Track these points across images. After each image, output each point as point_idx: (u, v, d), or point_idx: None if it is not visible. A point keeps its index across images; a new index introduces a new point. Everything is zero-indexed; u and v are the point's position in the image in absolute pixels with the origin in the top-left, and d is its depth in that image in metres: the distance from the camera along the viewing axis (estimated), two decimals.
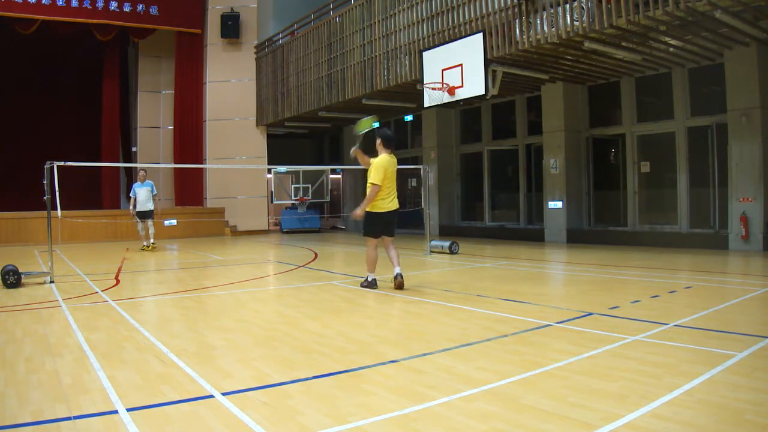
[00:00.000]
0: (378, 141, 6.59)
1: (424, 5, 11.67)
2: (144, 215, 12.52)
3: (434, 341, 4.10)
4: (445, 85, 10.68)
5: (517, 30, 9.66)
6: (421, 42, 11.72)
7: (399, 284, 6.46)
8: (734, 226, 9.97)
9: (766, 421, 2.56)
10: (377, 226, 6.57)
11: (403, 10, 12.24)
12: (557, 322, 4.61)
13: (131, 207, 12.55)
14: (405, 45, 12.22)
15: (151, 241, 12.68)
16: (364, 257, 6.81)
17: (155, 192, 12.78)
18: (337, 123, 18.78)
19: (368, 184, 6.49)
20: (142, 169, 13.27)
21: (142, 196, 12.45)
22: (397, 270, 6.53)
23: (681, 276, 7.41)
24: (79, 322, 4.97)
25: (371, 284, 6.67)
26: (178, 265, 10.38)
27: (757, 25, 8.55)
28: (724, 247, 10.09)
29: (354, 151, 6.64)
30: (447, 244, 10.67)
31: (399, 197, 6.64)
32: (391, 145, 6.64)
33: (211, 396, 3.02)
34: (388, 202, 6.49)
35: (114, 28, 17.27)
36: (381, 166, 6.37)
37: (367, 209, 6.49)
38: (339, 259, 10.92)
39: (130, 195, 12.65)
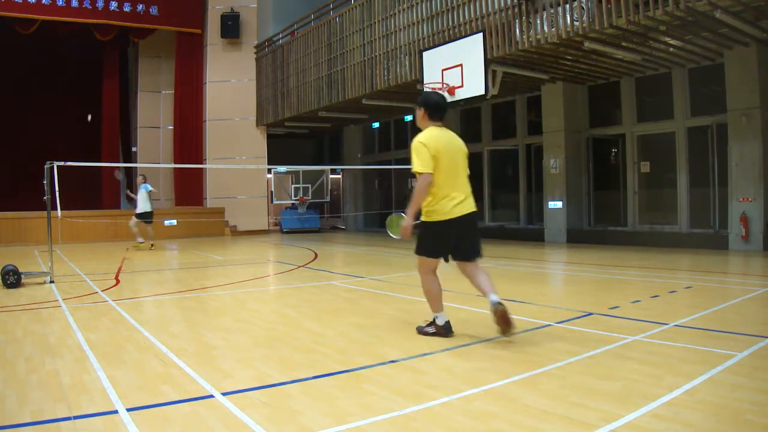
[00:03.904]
0: (420, 112, 4.19)
1: (424, 5, 11.67)
2: (139, 216, 12.68)
3: (434, 341, 4.10)
4: (445, 85, 10.67)
5: (517, 30, 9.67)
6: (421, 42, 11.71)
7: (501, 316, 3.92)
8: (734, 226, 9.96)
9: (766, 421, 2.56)
10: (438, 241, 4.13)
11: (403, 10, 12.24)
12: (557, 322, 4.61)
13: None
14: (405, 45, 12.21)
15: (140, 240, 12.92)
16: (421, 283, 4.29)
17: (149, 190, 12.71)
18: (337, 123, 18.77)
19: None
20: (141, 174, 13.25)
21: (139, 199, 12.61)
22: (493, 297, 3.97)
23: (681, 276, 7.41)
24: (79, 322, 4.97)
25: (443, 330, 4.18)
26: (178, 265, 10.37)
27: (757, 25, 8.55)
28: (724, 247, 10.09)
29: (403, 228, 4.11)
30: None
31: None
32: (441, 115, 4.18)
33: (211, 396, 3.02)
34: (452, 203, 4.02)
35: (114, 28, 17.27)
36: (424, 145, 3.97)
37: (422, 217, 4.12)
38: (339, 259, 10.92)
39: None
